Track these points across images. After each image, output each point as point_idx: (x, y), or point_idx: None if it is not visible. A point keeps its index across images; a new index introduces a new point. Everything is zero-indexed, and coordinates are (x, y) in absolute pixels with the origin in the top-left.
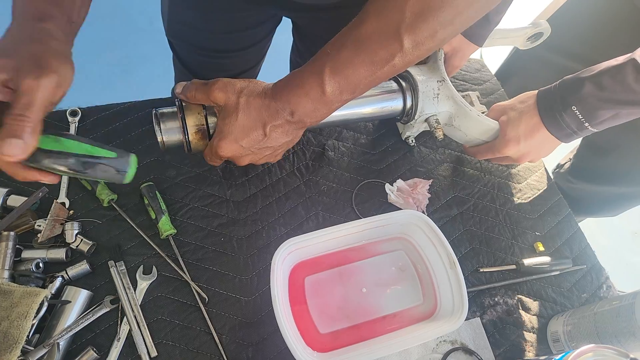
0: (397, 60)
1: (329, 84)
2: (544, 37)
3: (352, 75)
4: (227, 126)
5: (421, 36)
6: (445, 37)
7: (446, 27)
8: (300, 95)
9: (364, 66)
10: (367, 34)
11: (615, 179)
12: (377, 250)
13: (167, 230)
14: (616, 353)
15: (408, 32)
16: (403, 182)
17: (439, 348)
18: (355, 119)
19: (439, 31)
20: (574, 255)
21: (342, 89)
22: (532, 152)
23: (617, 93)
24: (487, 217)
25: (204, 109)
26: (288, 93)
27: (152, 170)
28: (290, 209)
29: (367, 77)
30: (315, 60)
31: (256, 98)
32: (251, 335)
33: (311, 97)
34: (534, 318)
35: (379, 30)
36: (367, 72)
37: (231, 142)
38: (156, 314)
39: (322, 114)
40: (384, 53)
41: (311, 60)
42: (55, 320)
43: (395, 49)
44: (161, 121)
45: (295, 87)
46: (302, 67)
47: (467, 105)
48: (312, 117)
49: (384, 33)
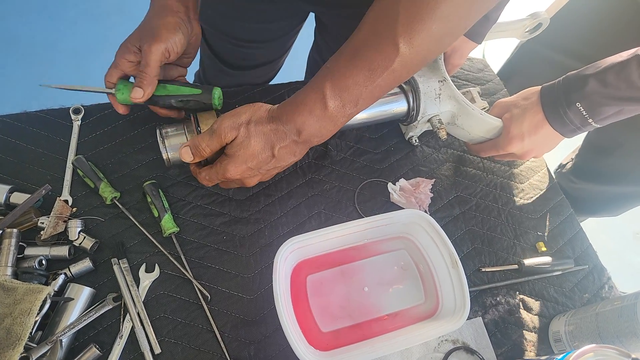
0: (396, 65)
1: (330, 98)
2: (542, 28)
3: (353, 87)
4: (236, 151)
5: (418, 37)
6: (444, 36)
7: (444, 25)
8: (305, 114)
9: (363, 75)
10: (363, 41)
11: (618, 179)
12: (379, 250)
13: (169, 228)
14: (618, 353)
15: (403, 34)
16: (405, 182)
17: (441, 347)
18: (357, 124)
19: (437, 30)
20: (576, 256)
21: (344, 102)
22: (536, 148)
23: (621, 90)
24: (489, 217)
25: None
26: (292, 113)
27: (155, 168)
28: (293, 207)
29: (367, 87)
30: (317, 77)
31: (264, 124)
32: (253, 333)
33: (315, 115)
34: (536, 318)
35: (374, 36)
36: (366, 80)
37: (240, 164)
38: (158, 312)
39: (328, 131)
40: (380, 59)
41: (313, 77)
42: (58, 317)
43: (392, 53)
44: (166, 139)
45: (298, 106)
46: (305, 86)
47: (469, 104)
48: (319, 135)
49: (378, 37)
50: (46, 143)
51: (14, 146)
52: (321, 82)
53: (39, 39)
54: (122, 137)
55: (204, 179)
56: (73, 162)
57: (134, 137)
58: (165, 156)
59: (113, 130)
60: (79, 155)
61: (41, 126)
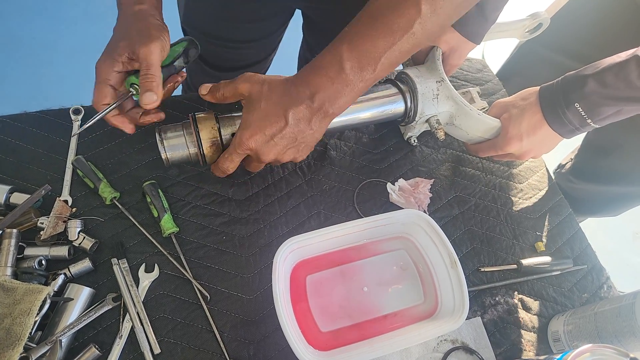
0: (416, 28)
1: (347, 60)
2: (543, 28)
3: (372, 49)
4: (250, 115)
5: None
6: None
7: None
8: (321, 76)
9: (383, 37)
10: (384, 4)
11: (617, 179)
12: (379, 250)
13: (169, 228)
14: (616, 352)
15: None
16: (405, 182)
17: (440, 347)
18: (356, 124)
19: None
20: (574, 256)
21: (362, 65)
22: (535, 149)
23: (620, 90)
24: (488, 217)
25: (216, 123)
26: (307, 75)
27: (155, 168)
28: (292, 207)
29: (386, 49)
30: (335, 41)
31: (278, 85)
32: (252, 333)
33: (331, 77)
34: (535, 318)
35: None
36: (386, 43)
37: (254, 130)
38: (158, 312)
39: (343, 98)
40: (401, 21)
41: (331, 42)
42: (58, 317)
43: (414, 15)
44: (164, 139)
45: (314, 69)
46: (322, 50)
47: (467, 105)
48: (334, 102)
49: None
50: (46, 143)
51: (14, 146)
52: (339, 44)
53: (39, 39)
54: (122, 137)
55: (224, 159)
56: (73, 162)
57: (133, 137)
58: (164, 156)
59: (113, 131)
60: (79, 156)
61: (41, 126)
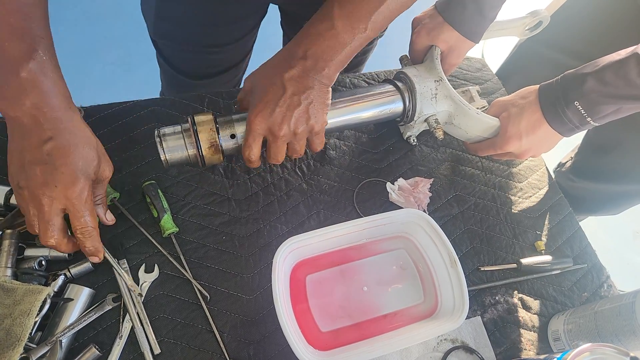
0: None
1: (339, 19)
2: (543, 26)
3: (362, 8)
4: (253, 97)
5: None
6: None
7: None
8: (312, 35)
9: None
10: None
11: (617, 177)
12: (378, 249)
13: (169, 228)
14: (616, 351)
15: None
16: (404, 181)
17: (440, 347)
18: (354, 124)
19: None
20: (574, 255)
21: (353, 23)
22: (534, 147)
23: (619, 88)
24: (487, 216)
25: (215, 124)
26: (299, 37)
27: (155, 168)
28: (292, 207)
29: (376, 8)
30: (324, 5)
31: (273, 57)
32: (252, 333)
33: (323, 34)
34: (535, 317)
35: None
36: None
37: (257, 107)
38: (158, 312)
39: (338, 57)
40: None
41: (321, 6)
42: (58, 318)
43: None
44: (163, 140)
45: (306, 31)
46: (314, 15)
47: (465, 104)
48: (328, 59)
49: None
50: None
51: None
52: (329, 6)
53: None
54: (122, 138)
55: (244, 148)
56: None
57: (133, 138)
58: (163, 158)
59: (113, 131)
60: None
61: None
